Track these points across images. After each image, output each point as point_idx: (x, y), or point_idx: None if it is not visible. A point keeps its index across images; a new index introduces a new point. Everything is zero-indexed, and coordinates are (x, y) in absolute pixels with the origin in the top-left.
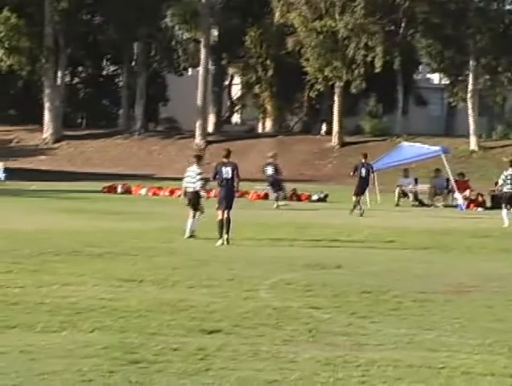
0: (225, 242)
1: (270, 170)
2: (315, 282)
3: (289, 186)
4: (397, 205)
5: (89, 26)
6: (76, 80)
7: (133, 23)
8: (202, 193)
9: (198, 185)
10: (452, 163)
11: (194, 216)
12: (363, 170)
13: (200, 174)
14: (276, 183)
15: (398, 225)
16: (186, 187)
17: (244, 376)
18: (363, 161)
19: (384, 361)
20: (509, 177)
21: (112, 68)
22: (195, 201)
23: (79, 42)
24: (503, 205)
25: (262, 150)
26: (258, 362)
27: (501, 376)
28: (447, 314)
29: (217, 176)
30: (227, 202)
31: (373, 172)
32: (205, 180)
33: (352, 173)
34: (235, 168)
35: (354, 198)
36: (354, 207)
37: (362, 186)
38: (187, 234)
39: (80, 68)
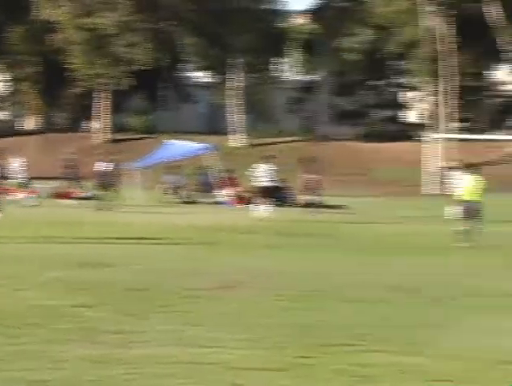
0: None
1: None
2: (86, 280)
3: (56, 185)
4: (162, 202)
5: None
6: None
7: None
8: None
9: None
10: (219, 160)
11: None
12: (105, 165)
13: None
14: (76, 178)
15: (166, 222)
16: None
17: (10, 377)
18: (104, 157)
19: (154, 358)
20: (264, 172)
21: None
22: None
23: None
24: (259, 199)
25: (27, 148)
26: (25, 361)
27: (265, 371)
28: (215, 310)
29: None
30: None
31: (122, 168)
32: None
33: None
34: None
35: (102, 192)
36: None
37: (105, 181)
38: None
39: None
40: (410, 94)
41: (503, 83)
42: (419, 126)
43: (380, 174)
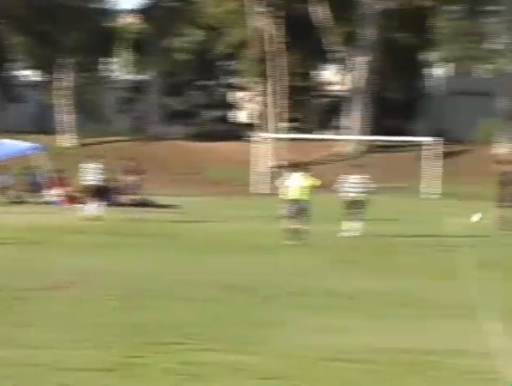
0: None
1: None
2: None
3: None
4: None
5: None
6: None
7: None
8: None
9: None
10: (48, 160)
11: None
12: None
13: None
14: None
15: None
16: None
17: None
18: None
19: None
20: (92, 171)
21: None
22: None
23: None
24: (89, 198)
25: None
26: None
27: (94, 371)
28: (47, 310)
29: None
30: None
31: None
32: None
33: None
34: None
35: None
36: None
37: None
38: None
39: None
40: (239, 94)
41: (330, 83)
42: (249, 126)
43: (212, 173)
